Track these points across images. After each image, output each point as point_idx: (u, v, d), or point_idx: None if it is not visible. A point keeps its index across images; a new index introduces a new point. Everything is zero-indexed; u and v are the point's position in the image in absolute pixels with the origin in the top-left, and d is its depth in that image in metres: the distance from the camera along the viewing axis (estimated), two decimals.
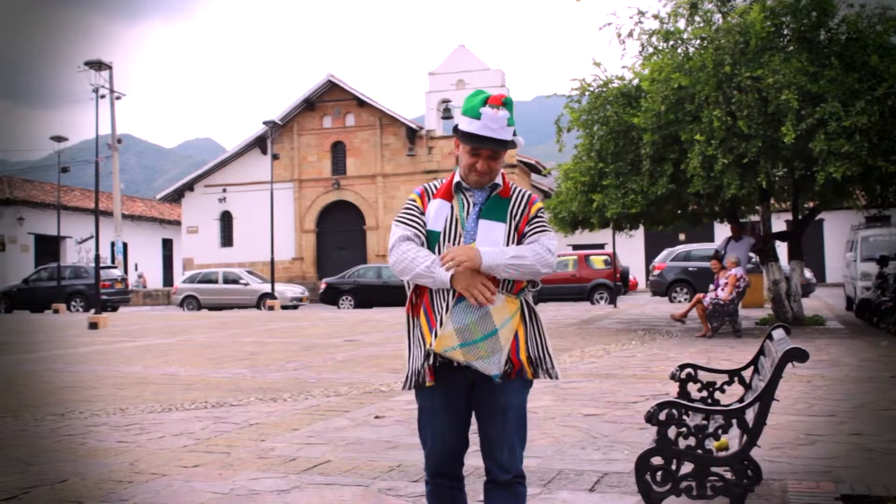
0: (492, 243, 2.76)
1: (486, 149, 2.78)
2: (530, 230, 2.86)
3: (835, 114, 11.36)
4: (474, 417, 2.90)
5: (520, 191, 2.94)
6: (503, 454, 2.80)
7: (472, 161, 2.81)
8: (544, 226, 2.87)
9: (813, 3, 12.43)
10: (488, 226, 2.81)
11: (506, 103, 2.76)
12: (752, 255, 15.82)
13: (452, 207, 2.86)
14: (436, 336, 2.74)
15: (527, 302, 2.87)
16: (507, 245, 2.80)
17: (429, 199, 2.90)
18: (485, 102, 2.76)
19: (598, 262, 25.65)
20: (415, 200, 2.92)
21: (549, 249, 2.80)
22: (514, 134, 2.83)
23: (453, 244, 2.80)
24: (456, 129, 2.82)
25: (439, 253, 2.78)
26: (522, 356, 2.81)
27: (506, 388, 2.78)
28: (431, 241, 2.84)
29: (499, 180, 2.90)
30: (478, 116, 2.75)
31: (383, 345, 12.56)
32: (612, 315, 18.72)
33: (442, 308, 2.80)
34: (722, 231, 25.26)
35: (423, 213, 2.87)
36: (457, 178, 2.89)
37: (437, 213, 2.84)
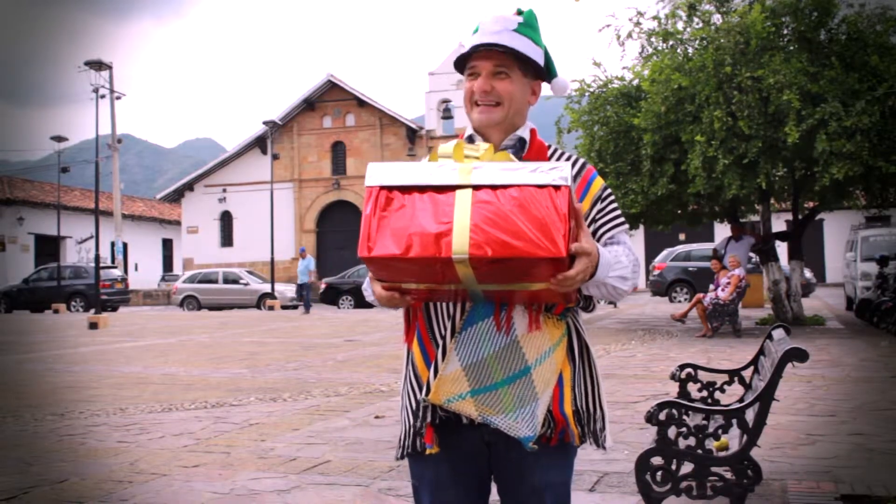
0: None
1: (483, 58, 1.84)
2: (604, 225, 1.88)
3: (835, 114, 11.36)
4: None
5: (566, 157, 1.90)
6: None
7: (470, 85, 1.88)
8: (620, 217, 1.91)
9: (813, 4, 12.44)
10: None
11: (522, 14, 1.87)
12: (752, 255, 15.82)
13: None
14: (435, 376, 1.80)
15: (576, 326, 1.91)
16: None
17: None
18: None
19: None
20: None
21: (636, 259, 1.89)
22: (548, 63, 1.91)
23: None
24: (457, 64, 1.93)
25: None
26: (568, 410, 1.86)
27: (541, 460, 1.85)
28: None
29: (525, 133, 1.88)
30: (476, 30, 1.88)
31: (383, 345, 12.55)
32: (612, 315, 18.71)
33: (444, 330, 1.83)
34: (722, 231, 25.25)
35: None
36: (468, 133, 1.95)
37: None
